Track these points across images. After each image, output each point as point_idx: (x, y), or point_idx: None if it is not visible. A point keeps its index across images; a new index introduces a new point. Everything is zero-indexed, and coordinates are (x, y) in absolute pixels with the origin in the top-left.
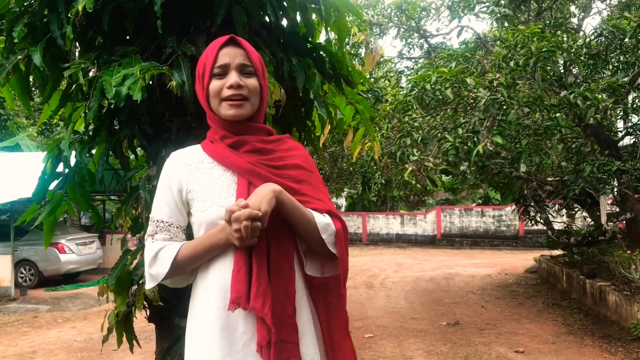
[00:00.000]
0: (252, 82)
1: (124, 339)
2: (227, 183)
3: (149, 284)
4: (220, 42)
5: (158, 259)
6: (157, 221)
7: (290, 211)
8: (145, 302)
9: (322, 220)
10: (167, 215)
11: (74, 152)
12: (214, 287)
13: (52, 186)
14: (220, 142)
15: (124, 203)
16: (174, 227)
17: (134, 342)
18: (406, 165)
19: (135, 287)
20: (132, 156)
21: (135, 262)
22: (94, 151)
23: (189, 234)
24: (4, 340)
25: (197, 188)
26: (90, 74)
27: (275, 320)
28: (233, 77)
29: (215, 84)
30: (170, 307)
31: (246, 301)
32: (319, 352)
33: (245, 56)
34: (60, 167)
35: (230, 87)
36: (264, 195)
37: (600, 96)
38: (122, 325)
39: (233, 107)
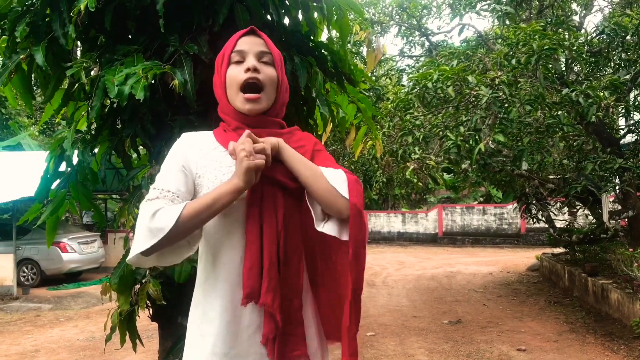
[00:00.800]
0: (269, 70)
1: (127, 337)
2: None
3: (144, 244)
4: (241, 32)
5: (158, 215)
6: (162, 190)
7: (293, 158)
8: (148, 301)
9: (331, 170)
10: (174, 187)
11: (76, 151)
12: (222, 280)
13: (54, 185)
14: (233, 132)
15: (126, 202)
16: (178, 200)
17: (137, 340)
18: (408, 164)
19: (138, 286)
20: (134, 155)
21: None
22: (96, 150)
23: None
24: (6, 339)
25: (206, 174)
26: (93, 73)
27: (282, 314)
28: (251, 61)
29: (232, 70)
30: (173, 306)
31: (258, 296)
32: (321, 344)
33: (264, 45)
34: (62, 166)
35: (247, 70)
36: (265, 138)
37: (602, 94)
38: (125, 324)
39: (249, 102)
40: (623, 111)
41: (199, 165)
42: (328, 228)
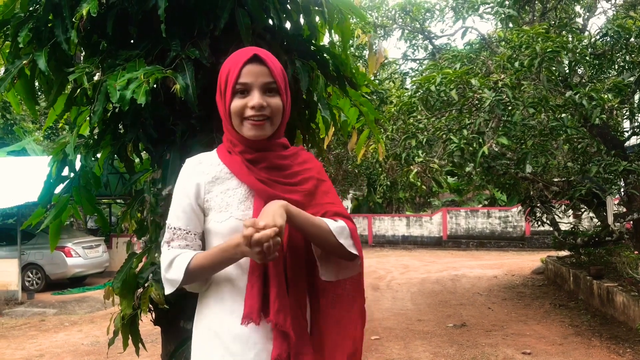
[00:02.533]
0: (275, 101)
1: (130, 341)
2: (244, 195)
3: (167, 290)
4: (244, 58)
5: (173, 266)
6: (174, 229)
7: (301, 222)
8: (150, 305)
9: (336, 224)
10: (184, 223)
11: (79, 156)
12: (227, 298)
13: (57, 190)
14: (239, 155)
15: (129, 206)
16: (191, 234)
17: (140, 344)
18: (411, 167)
19: (140, 290)
20: (137, 160)
21: (140, 265)
22: (99, 155)
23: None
24: (11, 343)
25: (214, 197)
26: (95, 78)
27: (294, 333)
28: (256, 98)
29: (237, 102)
30: (175, 310)
31: (258, 316)
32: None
33: (269, 74)
34: (65, 171)
35: (253, 107)
36: (274, 210)
37: (606, 96)
38: (128, 328)
39: (254, 128)
40: (627, 113)
41: (206, 190)
42: (327, 274)
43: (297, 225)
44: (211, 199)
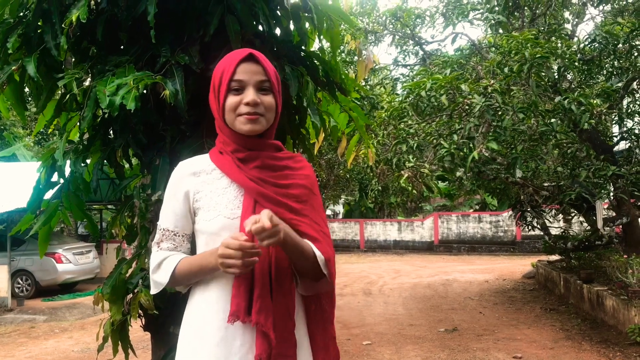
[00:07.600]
0: (268, 99)
1: (120, 347)
2: (234, 194)
3: (153, 290)
4: (239, 57)
5: (161, 268)
6: (164, 230)
7: (292, 250)
8: (140, 311)
9: (320, 256)
10: (172, 224)
11: (68, 162)
12: (214, 298)
13: (47, 196)
14: (230, 155)
15: (118, 212)
16: (179, 236)
17: (130, 350)
18: (402, 172)
19: (130, 295)
20: (126, 165)
21: (130, 270)
22: (88, 160)
23: (193, 242)
24: (0, 351)
25: (203, 197)
26: (85, 83)
27: (276, 334)
28: (250, 95)
29: (232, 99)
30: (165, 316)
31: (245, 315)
32: None
33: (263, 73)
34: (55, 177)
35: (247, 104)
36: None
37: (594, 101)
38: (118, 334)
39: (249, 122)
40: (616, 118)
41: (196, 190)
42: (302, 289)
43: (287, 251)
44: (201, 199)
